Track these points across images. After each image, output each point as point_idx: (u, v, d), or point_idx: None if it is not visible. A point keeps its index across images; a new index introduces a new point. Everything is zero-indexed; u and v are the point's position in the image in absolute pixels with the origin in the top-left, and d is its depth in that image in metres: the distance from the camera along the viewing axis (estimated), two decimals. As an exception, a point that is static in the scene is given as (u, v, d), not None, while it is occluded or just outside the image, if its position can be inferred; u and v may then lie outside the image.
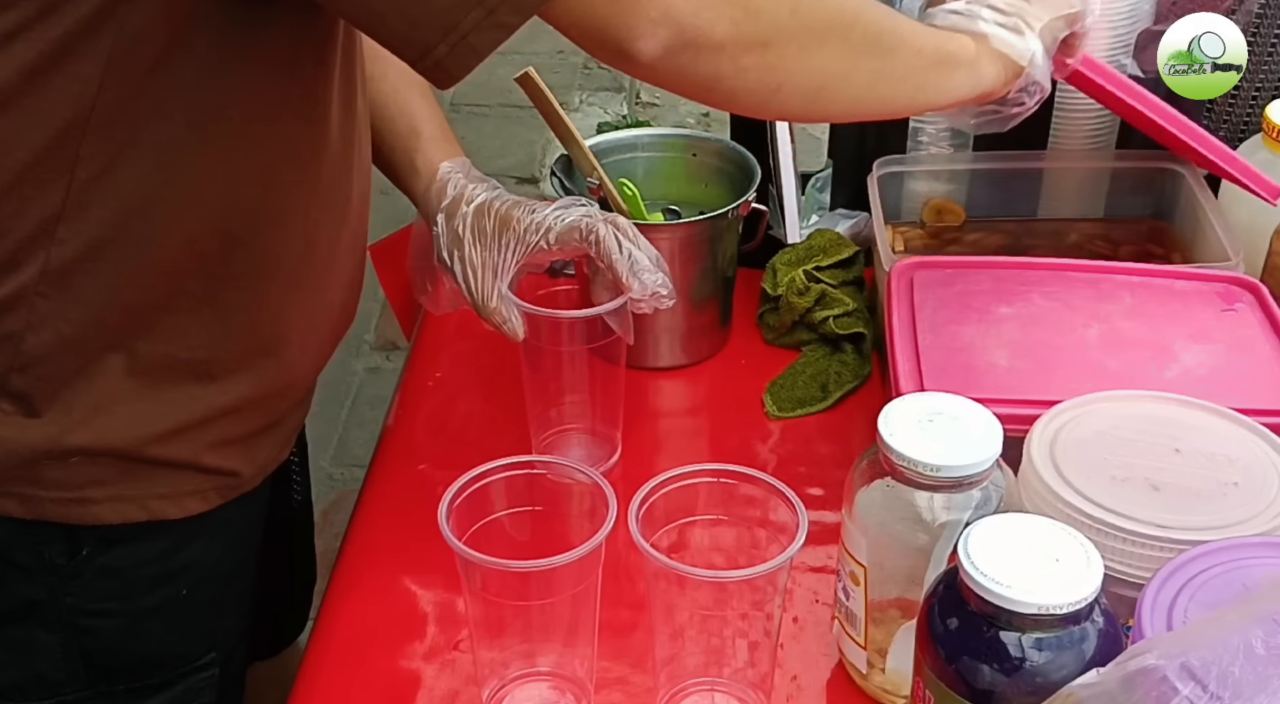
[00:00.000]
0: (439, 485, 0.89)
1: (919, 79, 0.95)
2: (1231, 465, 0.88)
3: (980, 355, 1.01)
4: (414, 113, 1.11)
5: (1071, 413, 0.92)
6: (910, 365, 1.00)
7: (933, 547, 0.83)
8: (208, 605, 1.01)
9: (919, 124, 1.34)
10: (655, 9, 0.78)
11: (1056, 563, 0.73)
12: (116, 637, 0.96)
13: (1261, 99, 1.31)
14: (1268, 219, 1.14)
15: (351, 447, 2.60)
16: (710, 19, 0.80)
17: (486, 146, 3.14)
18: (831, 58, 0.89)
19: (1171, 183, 1.27)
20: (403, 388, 1.26)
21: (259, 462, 1.00)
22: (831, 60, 0.89)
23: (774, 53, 0.85)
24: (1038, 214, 1.34)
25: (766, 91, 0.87)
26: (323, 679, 0.97)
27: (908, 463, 0.82)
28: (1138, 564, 0.82)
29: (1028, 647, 0.72)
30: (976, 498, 0.83)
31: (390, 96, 1.10)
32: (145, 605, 0.97)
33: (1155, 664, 0.62)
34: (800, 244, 1.28)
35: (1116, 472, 0.87)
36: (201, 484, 0.95)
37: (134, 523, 0.93)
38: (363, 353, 2.83)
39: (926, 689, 0.77)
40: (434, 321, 1.33)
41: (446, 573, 0.85)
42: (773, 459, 1.16)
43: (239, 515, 1.00)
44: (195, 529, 0.96)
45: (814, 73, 0.88)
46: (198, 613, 1.00)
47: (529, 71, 1.11)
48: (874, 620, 0.89)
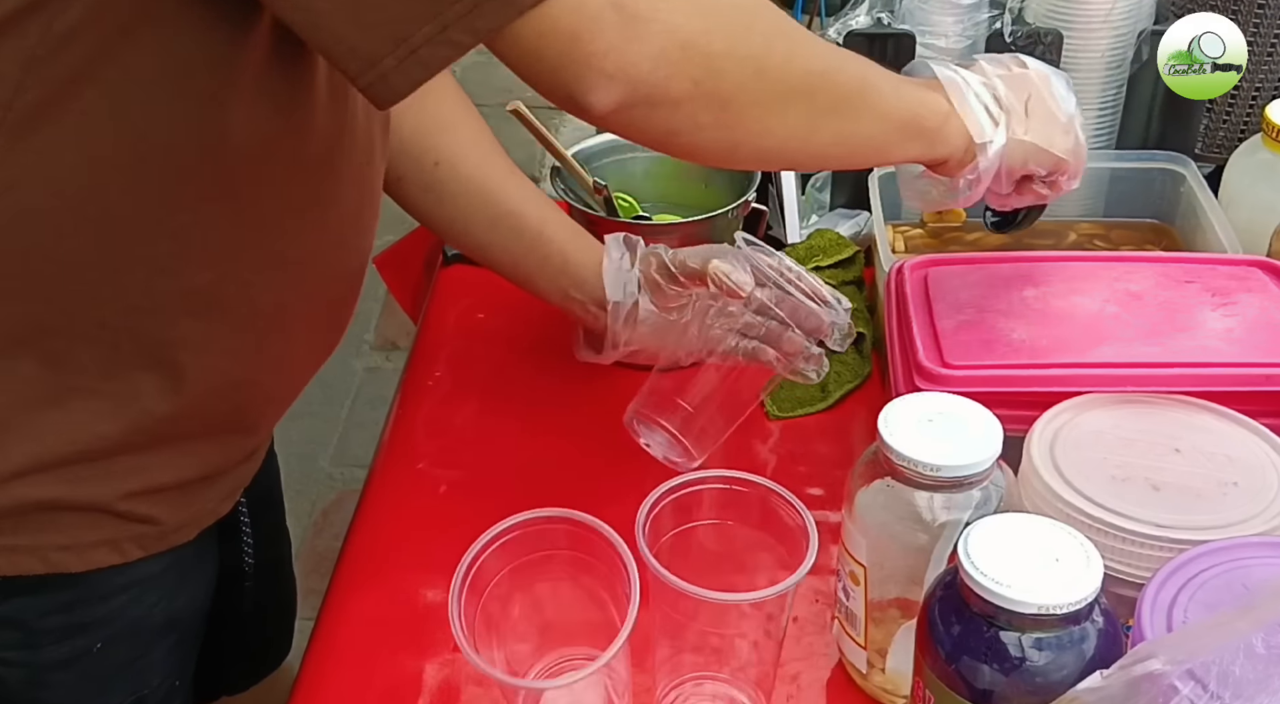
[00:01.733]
0: (439, 485, 0.89)
1: (880, 141, 0.92)
2: (1231, 465, 0.88)
3: (1002, 330, 1.01)
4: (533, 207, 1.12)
5: (1071, 413, 0.92)
6: (929, 342, 1.00)
7: (933, 547, 0.83)
8: (132, 660, 0.95)
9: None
10: (611, 62, 0.73)
11: (1056, 563, 0.73)
12: (20, 687, 0.92)
13: (1261, 99, 1.31)
14: (1268, 219, 1.14)
15: (351, 447, 2.60)
16: (668, 76, 0.75)
17: (486, 146, 3.14)
18: (793, 120, 0.84)
19: (1171, 183, 1.27)
20: (403, 388, 1.26)
21: (190, 513, 0.94)
22: (793, 122, 0.84)
23: (733, 113, 0.80)
24: (1038, 214, 1.33)
25: (723, 149, 0.84)
26: (324, 679, 0.97)
27: (908, 463, 0.82)
28: (1138, 564, 0.82)
29: (1028, 647, 0.72)
30: (976, 498, 0.83)
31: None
32: (53, 657, 0.91)
33: (1161, 670, 0.62)
34: (800, 244, 1.28)
35: (1116, 471, 0.87)
36: (115, 532, 0.89)
37: (31, 575, 0.87)
38: (363, 353, 2.83)
39: (926, 689, 0.77)
40: (434, 321, 1.33)
41: (448, 572, 0.85)
42: (773, 459, 1.16)
43: (170, 571, 0.94)
44: (107, 583, 0.90)
45: (773, 134, 0.84)
46: (118, 665, 0.95)
47: (518, 105, 1.14)
48: (874, 620, 0.89)
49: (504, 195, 1.10)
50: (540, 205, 1.12)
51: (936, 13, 1.29)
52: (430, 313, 1.35)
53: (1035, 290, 1.05)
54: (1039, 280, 1.06)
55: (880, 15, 1.29)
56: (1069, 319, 1.02)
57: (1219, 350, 0.97)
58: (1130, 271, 1.07)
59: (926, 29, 1.29)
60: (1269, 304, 1.02)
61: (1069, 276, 1.07)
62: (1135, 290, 1.04)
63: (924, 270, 1.08)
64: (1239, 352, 0.97)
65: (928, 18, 1.29)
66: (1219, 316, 1.01)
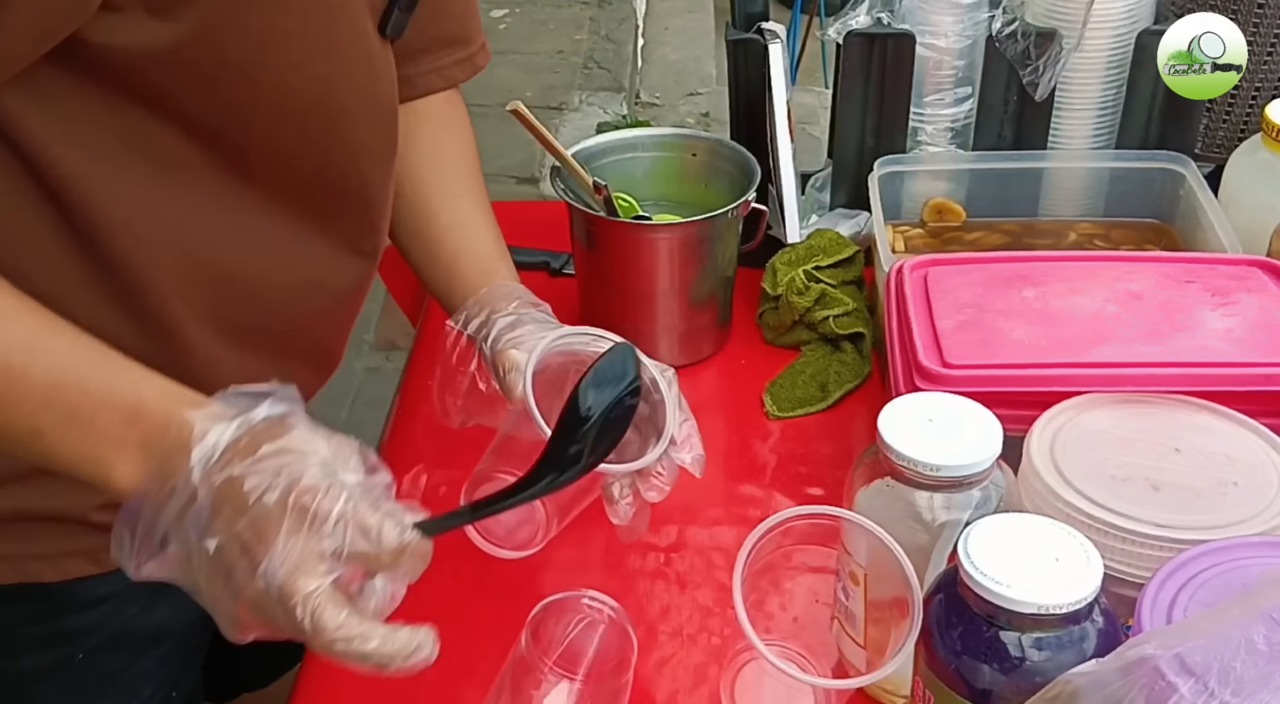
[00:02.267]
0: (439, 485, 0.88)
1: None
2: (1231, 465, 0.88)
3: (1002, 330, 1.00)
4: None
5: (1071, 412, 0.92)
6: (929, 342, 1.00)
7: (933, 546, 0.83)
8: (119, 670, 0.94)
9: (919, 123, 1.34)
10: None
11: (1056, 563, 0.73)
12: (7, 695, 0.91)
13: (1261, 98, 1.31)
14: (1268, 219, 1.14)
15: (351, 447, 2.60)
16: None
17: (487, 146, 3.11)
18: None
19: (1171, 183, 1.27)
20: (403, 388, 1.26)
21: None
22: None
23: None
24: (1038, 214, 1.34)
25: None
26: (324, 679, 0.97)
27: (908, 463, 0.82)
28: (1138, 564, 0.82)
29: (1027, 646, 0.72)
30: (976, 498, 0.83)
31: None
32: (35, 666, 0.91)
33: (1152, 653, 0.62)
34: (800, 244, 1.28)
35: (1116, 471, 0.87)
36: (91, 543, 0.87)
37: (7, 584, 0.86)
38: (363, 353, 2.83)
39: (926, 689, 0.77)
40: (434, 322, 1.33)
41: (447, 572, 0.85)
42: (773, 459, 1.16)
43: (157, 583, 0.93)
44: (88, 593, 0.89)
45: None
46: (105, 675, 0.93)
47: (517, 105, 1.13)
48: (874, 620, 0.89)
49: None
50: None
51: (936, 12, 1.29)
52: (430, 313, 1.35)
53: (1035, 290, 1.05)
54: (1039, 280, 1.06)
55: (880, 15, 1.29)
56: (1069, 319, 1.02)
57: (1219, 350, 0.97)
58: (1130, 271, 1.07)
59: (926, 28, 1.29)
60: (1269, 304, 1.02)
61: (1069, 276, 1.07)
62: (1135, 290, 1.04)
63: (924, 270, 1.08)
64: (1239, 351, 0.97)
65: (927, 17, 1.29)
66: (1219, 316, 1.01)
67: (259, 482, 0.68)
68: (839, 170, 1.37)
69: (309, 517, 0.68)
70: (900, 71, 1.29)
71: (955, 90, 1.33)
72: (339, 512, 0.68)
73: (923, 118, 1.34)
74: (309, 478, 0.68)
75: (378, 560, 0.71)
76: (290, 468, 0.68)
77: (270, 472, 0.68)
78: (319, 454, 0.70)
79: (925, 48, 1.29)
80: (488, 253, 1.04)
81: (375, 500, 0.71)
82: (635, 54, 3.87)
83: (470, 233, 1.05)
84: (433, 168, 1.07)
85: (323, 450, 0.70)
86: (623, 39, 3.90)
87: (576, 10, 4.08)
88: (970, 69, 1.32)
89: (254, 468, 0.68)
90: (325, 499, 0.68)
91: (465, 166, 1.10)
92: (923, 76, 1.31)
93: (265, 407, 0.71)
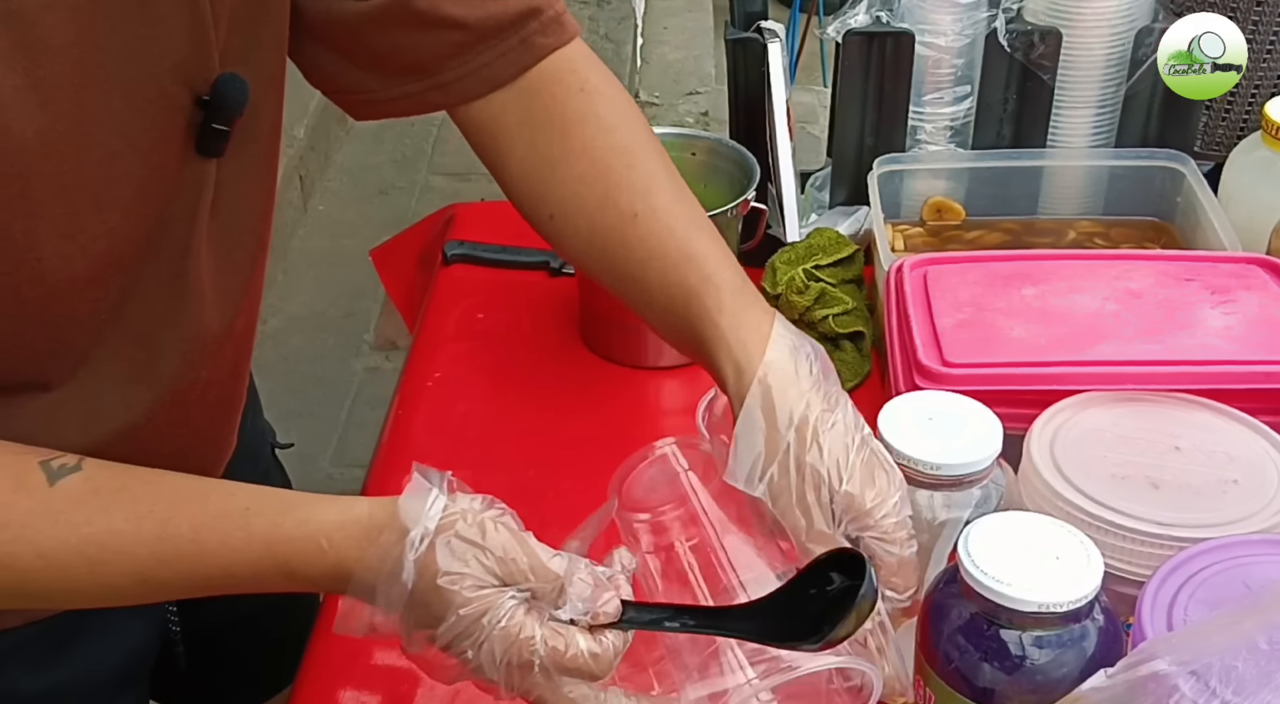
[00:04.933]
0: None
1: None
2: (1231, 463, 0.88)
3: (1002, 329, 1.00)
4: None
5: (1071, 411, 0.92)
6: (929, 341, 1.00)
7: (933, 545, 0.83)
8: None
9: (918, 122, 1.34)
10: None
11: (1057, 561, 0.73)
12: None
13: (1260, 97, 1.31)
14: (1267, 217, 1.14)
15: (351, 447, 2.60)
16: None
17: (486, 146, 3.14)
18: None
19: (1171, 182, 1.27)
20: (403, 388, 1.26)
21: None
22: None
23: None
24: (1037, 212, 1.34)
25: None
26: (323, 679, 0.97)
27: (908, 462, 0.82)
28: (1138, 562, 0.82)
29: (1028, 645, 0.72)
30: (976, 496, 0.83)
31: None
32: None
33: (1166, 670, 0.62)
34: (800, 243, 1.28)
35: (1116, 469, 0.87)
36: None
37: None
38: (363, 353, 2.83)
39: (927, 688, 0.77)
40: (434, 321, 1.33)
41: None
42: (773, 458, 1.16)
43: (42, 639, 0.86)
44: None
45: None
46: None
47: None
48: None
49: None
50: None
51: (935, 11, 1.29)
52: (430, 313, 1.35)
53: (1035, 289, 1.05)
54: (1038, 279, 1.06)
55: (879, 14, 1.29)
56: (1069, 317, 1.02)
57: (1219, 348, 0.97)
58: (1130, 270, 1.07)
59: (925, 27, 1.29)
60: (1268, 302, 1.02)
61: (1069, 275, 1.07)
62: (1135, 288, 1.04)
63: (924, 269, 1.08)
64: (1239, 349, 0.97)
65: (926, 16, 1.29)
66: (1218, 314, 1.01)
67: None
68: (838, 169, 1.36)
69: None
70: (899, 70, 1.29)
71: (954, 89, 1.33)
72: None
73: (922, 116, 1.34)
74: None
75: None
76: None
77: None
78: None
79: (924, 46, 1.29)
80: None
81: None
82: (634, 53, 3.87)
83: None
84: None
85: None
86: (622, 38, 3.89)
87: (576, 10, 4.06)
88: (969, 67, 1.32)
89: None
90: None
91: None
92: (922, 75, 1.31)
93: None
